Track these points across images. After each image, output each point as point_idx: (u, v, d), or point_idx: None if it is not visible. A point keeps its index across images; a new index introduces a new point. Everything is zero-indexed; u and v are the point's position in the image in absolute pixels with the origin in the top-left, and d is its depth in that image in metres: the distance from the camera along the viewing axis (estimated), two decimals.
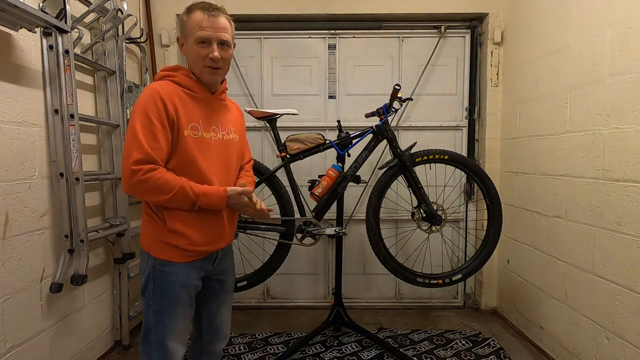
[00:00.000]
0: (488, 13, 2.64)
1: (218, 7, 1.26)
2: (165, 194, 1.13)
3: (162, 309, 1.22)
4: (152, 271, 1.22)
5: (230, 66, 1.35)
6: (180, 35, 1.27)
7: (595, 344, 1.78)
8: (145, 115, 1.12)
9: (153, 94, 1.14)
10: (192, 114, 1.21)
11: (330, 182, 1.96)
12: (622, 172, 1.62)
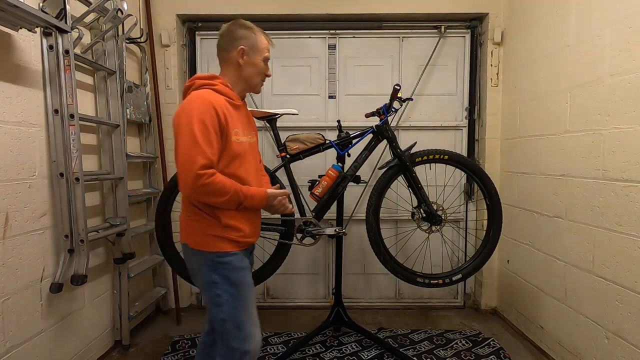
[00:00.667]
0: (488, 13, 2.64)
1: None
2: (223, 196, 1.24)
3: (233, 296, 1.32)
4: (212, 264, 1.31)
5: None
6: (246, 48, 1.36)
7: (595, 344, 1.78)
8: (202, 123, 1.20)
9: (207, 103, 1.23)
10: (234, 121, 1.32)
11: (330, 182, 1.96)
12: (622, 172, 1.62)
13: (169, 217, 2.04)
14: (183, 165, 1.19)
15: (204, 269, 1.32)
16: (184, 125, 1.20)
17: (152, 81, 2.60)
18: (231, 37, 1.36)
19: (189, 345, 2.29)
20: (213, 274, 1.31)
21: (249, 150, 1.41)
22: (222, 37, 1.38)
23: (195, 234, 1.32)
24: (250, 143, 1.43)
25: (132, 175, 2.47)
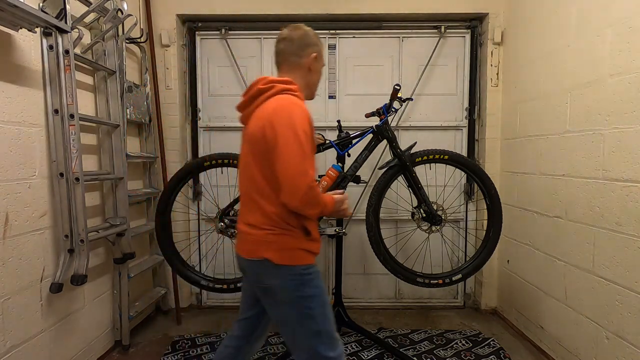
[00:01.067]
0: (488, 13, 2.64)
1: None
2: (319, 206, 1.21)
3: (324, 305, 1.28)
4: (300, 278, 1.25)
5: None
6: (317, 55, 1.38)
7: (595, 344, 1.77)
8: (305, 133, 1.17)
9: (305, 112, 1.21)
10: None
11: (330, 182, 1.96)
12: (622, 172, 1.62)
13: (169, 217, 2.04)
14: (294, 177, 1.13)
15: (291, 284, 1.23)
16: (289, 135, 1.14)
17: (152, 81, 2.60)
18: (304, 42, 1.34)
19: (189, 345, 2.29)
20: (304, 287, 1.24)
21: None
22: (291, 41, 1.33)
23: (282, 249, 1.23)
24: None
25: (132, 175, 2.47)
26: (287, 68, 1.35)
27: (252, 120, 1.26)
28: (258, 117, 1.23)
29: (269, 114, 1.19)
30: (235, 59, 2.77)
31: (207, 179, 2.74)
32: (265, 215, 1.23)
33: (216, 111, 2.83)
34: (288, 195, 1.15)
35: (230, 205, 2.02)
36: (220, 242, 2.74)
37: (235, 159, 1.98)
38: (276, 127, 1.16)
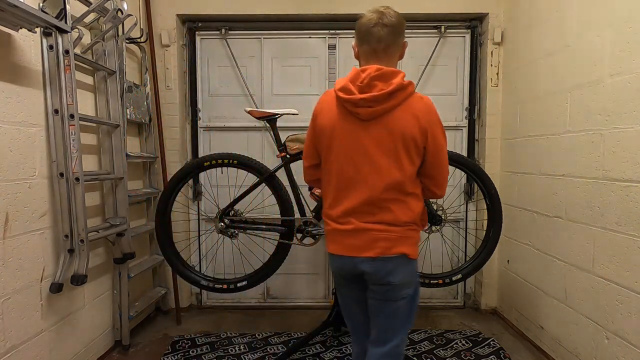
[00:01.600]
0: (488, 13, 2.64)
1: None
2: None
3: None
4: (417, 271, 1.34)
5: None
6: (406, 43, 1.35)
7: (595, 344, 1.77)
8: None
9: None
10: None
11: None
12: (622, 172, 1.62)
13: (169, 217, 2.04)
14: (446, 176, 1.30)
15: (414, 277, 1.30)
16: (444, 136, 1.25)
17: (152, 81, 2.60)
18: (403, 29, 1.25)
19: (189, 345, 2.29)
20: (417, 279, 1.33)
21: None
22: (394, 28, 1.21)
23: (415, 244, 1.29)
24: None
25: (132, 175, 2.47)
26: (387, 58, 1.24)
27: (395, 117, 1.17)
28: (410, 115, 1.17)
29: (425, 113, 1.19)
30: (235, 59, 2.77)
31: (207, 179, 2.74)
32: (410, 210, 1.23)
33: (216, 111, 2.83)
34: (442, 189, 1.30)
35: (230, 205, 2.02)
36: (220, 242, 2.74)
37: (235, 159, 1.98)
38: (435, 129, 1.21)
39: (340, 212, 1.24)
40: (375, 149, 1.19)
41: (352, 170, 1.21)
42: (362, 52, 1.27)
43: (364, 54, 1.27)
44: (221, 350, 2.24)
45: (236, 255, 2.68)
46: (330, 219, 1.28)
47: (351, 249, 1.24)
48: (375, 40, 1.22)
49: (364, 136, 1.19)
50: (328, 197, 1.29)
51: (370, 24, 1.21)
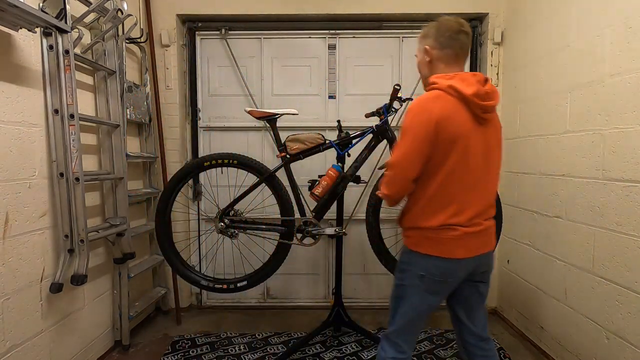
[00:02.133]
0: (488, 13, 2.64)
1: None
2: None
3: None
4: None
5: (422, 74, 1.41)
6: None
7: (595, 344, 1.77)
8: None
9: None
10: None
11: (330, 182, 1.96)
12: (622, 172, 1.62)
13: (169, 217, 2.04)
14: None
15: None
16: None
17: (152, 81, 2.60)
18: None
19: (189, 345, 2.29)
20: None
21: None
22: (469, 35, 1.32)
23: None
24: None
25: (132, 175, 2.47)
26: (463, 64, 1.35)
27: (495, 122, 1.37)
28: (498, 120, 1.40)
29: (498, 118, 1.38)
30: (235, 59, 2.77)
31: (207, 179, 2.74)
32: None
33: (216, 111, 2.83)
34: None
35: (230, 205, 2.03)
36: (220, 242, 2.74)
37: (235, 159, 1.98)
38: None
39: (470, 215, 1.26)
40: (491, 151, 1.33)
41: (480, 173, 1.27)
42: (442, 56, 1.31)
43: (444, 58, 1.31)
44: (221, 350, 2.24)
45: (236, 255, 2.68)
46: (458, 225, 1.25)
47: (480, 247, 1.30)
48: (459, 47, 1.30)
49: (485, 140, 1.29)
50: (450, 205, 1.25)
51: (454, 30, 1.29)
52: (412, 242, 1.32)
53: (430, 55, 1.32)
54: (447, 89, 1.22)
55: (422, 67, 1.38)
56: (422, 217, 1.28)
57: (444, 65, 1.32)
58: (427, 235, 1.28)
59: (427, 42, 1.33)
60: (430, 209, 1.27)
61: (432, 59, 1.32)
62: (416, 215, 1.30)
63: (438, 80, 1.25)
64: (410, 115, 1.23)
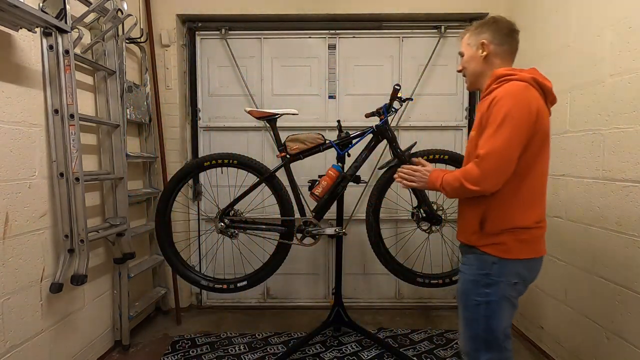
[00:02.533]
0: (488, 13, 2.63)
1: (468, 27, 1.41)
2: None
3: None
4: None
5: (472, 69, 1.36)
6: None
7: (595, 344, 1.77)
8: None
9: None
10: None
11: (330, 182, 1.96)
12: (622, 172, 1.62)
13: (169, 217, 2.04)
14: None
15: None
16: None
17: (152, 81, 2.60)
18: None
19: (189, 345, 2.29)
20: None
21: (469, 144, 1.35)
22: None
23: None
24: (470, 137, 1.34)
25: (132, 175, 2.47)
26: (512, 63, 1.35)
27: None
28: None
29: None
30: (235, 59, 2.77)
31: (207, 179, 2.74)
32: None
33: (216, 111, 2.83)
34: None
35: (230, 205, 2.02)
36: (220, 242, 2.74)
37: (235, 159, 1.98)
38: None
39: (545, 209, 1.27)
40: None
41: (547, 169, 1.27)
42: (500, 52, 1.30)
43: (503, 54, 1.31)
44: (221, 350, 2.24)
45: (236, 255, 2.68)
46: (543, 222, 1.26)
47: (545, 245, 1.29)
48: (515, 44, 1.32)
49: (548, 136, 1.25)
50: (540, 200, 1.24)
51: (513, 28, 1.31)
52: (502, 249, 1.21)
53: (487, 49, 1.29)
54: (531, 81, 1.18)
55: (474, 62, 1.34)
56: (517, 217, 1.20)
57: (500, 61, 1.30)
58: (521, 237, 1.21)
59: (484, 37, 1.30)
60: (526, 206, 1.20)
61: (489, 53, 1.30)
62: (510, 215, 1.20)
63: (514, 72, 1.21)
64: (508, 103, 1.14)
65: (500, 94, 1.17)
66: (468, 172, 1.18)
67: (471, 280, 1.28)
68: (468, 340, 1.30)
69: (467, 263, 1.32)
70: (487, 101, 1.22)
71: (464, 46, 1.37)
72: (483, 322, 1.24)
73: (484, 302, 1.23)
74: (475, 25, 1.36)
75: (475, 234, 1.27)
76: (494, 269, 1.22)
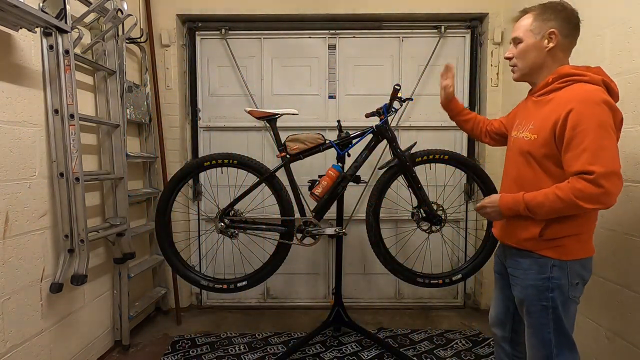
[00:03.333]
0: (488, 13, 2.64)
1: (526, 8, 1.25)
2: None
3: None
4: None
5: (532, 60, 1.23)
6: None
7: (595, 344, 1.77)
8: None
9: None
10: (515, 116, 1.38)
11: (330, 182, 1.96)
12: (622, 172, 1.62)
13: (169, 217, 2.04)
14: None
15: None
16: None
17: (152, 81, 2.60)
18: None
19: (189, 345, 2.29)
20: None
21: (512, 147, 1.33)
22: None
23: None
24: (513, 139, 1.32)
25: (132, 175, 2.47)
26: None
27: None
28: None
29: None
30: (235, 59, 2.77)
31: (207, 179, 2.74)
32: None
33: (216, 111, 2.83)
34: None
35: (230, 205, 2.02)
36: (220, 242, 2.74)
37: (235, 159, 1.98)
38: None
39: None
40: None
41: None
42: (566, 44, 1.20)
43: (567, 47, 1.21)
44: (221, 350, 2.24)
45: (236, 255, 2.68)
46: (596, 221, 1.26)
47: None
48: (577, 38, 1.22)
49: None
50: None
51: (579, 20, 1.19)
52: (565, 251, 1.18)
53: (556, 40, 1.17)
54: (602, 84, 1.12)
55: (535, 52, 1.20)
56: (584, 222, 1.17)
57: (563, 55, 1.20)
58: (584, 238, 1.19)
59: (553, 25, 1.17)
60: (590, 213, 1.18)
61: (557, 44, 1.18)
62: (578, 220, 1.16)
63: (583, 72, 1.14)
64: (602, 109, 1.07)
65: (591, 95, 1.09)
66: (582, 191, 1.06)
67: (532, 286, 1.22)
68: (539, 347, 1.23)
69: (521, 268, 1.26)
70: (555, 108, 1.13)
71: (524, 32, 1.22)
72: (553, 325, 1.20)
73: (551, 306, 1.19)
74: (540, 8, 1.20)
75: (533, 240, 1.21)
76: (555, 271, 1.18)
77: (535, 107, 1.25)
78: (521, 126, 1.29)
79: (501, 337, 1.45)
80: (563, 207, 1.09)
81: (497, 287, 1.47)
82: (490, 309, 1.52)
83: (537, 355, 1.24)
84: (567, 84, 1.15)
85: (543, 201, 1.12)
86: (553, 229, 1.17)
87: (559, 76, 1.17)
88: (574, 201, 1.07)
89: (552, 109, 1.15)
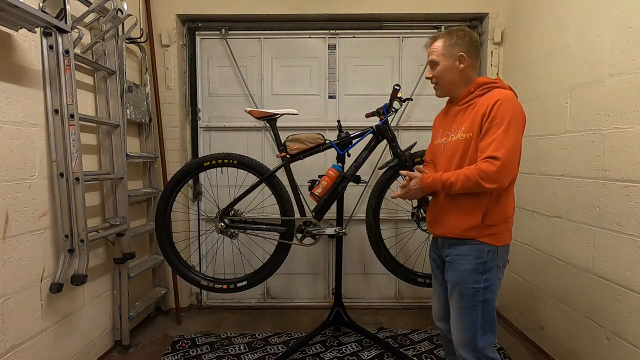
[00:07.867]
0: (488, 13, 2.64)
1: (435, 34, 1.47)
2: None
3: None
4: None
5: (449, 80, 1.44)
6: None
7: (595, 344, 1.77)
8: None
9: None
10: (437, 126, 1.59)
11: (330, 182, 1.96)
12: (622, 172, 1.62)
13: (169, 217, 2.04)
14: None
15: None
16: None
17: (152, 81, 2.60)
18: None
19: (189, 345, 2.29)
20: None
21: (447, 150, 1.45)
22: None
23: None
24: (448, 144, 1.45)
25: (132, 175, 2.47)
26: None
27: None
28: None
29: None
30: (235, 59, 2.77)
31: (207, 179, 2.74)
32: None
33: (216, 111, 2.83)
34: None
35: (230, 205, 2.02)
36: (220, 242, 2.74)
37: (235, 159, 1.98)
38: None
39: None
40: None
41: None
42: (473, 64, 1.42)
43: (474, 66, 1.43)
44: (221, 350, 2.24)
45: (236, 255, 2.68)
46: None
47: None
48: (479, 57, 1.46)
49: None
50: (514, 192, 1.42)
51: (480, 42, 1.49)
52: (499, 238, 1.36)
53: (465, 62, 1.39)
54: (511, 89, 1.34)
55: (450, 73, 1.41)
56: (509, 207, 1.36)
57: (472, 71, 1.42)
58: (509, 224, 1.39)
59: (462, 49, 1.38)
60: (512, 197, 1.38)
61: (466, 66, 1.39)
62: (505, 206, 1.35)
63: (495, 81, 1.37)
64: (511, 106, 1.28)
65: (503, 96, 1.29)
66: (484, 171, 1.25)
67: (467, 270, 1.37)
68: (466, 329, 1.37)
69: (460, 254, 1.39)
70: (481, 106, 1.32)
71: (438, 56, 1.42)
72: (481, 307, 1.36)
73: (482, 287, 1.35)
74: (447, 34, 1.42)
75: (476, 228, 1.35)
76: (489, 256, 1.35)
77: (463, 113, 1.42)
78: (451, 132, 1.44)
79: (447, 330, 1.52)
80: (470, 185, 1.29)
81: (437, 282, 1.57)
82: (433, 305, 1.61)
83: (464, 336, 1.37)
84: (487, 90, 1.36)
85: (455, 180, 1.32)
86: (490, 215, 1.34)
87: (478, 85, 1.38)
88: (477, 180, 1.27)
89: (479, 109, 1.34)
